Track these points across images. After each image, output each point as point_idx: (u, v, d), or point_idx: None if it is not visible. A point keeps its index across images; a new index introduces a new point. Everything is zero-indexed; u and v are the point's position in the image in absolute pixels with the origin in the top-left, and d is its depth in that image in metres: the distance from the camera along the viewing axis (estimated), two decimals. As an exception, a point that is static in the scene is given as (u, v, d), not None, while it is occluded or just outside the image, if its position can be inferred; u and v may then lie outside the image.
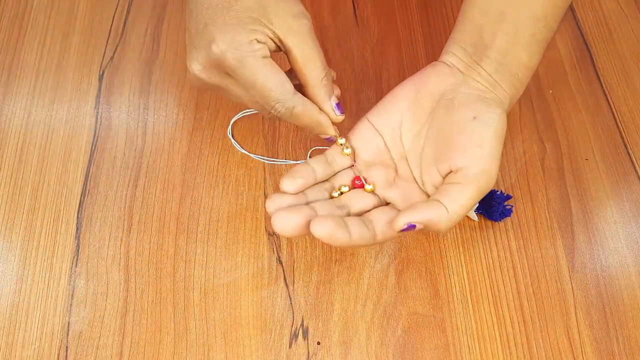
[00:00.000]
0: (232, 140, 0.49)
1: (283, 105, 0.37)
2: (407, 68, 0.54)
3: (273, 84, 0.36)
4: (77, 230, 0.46)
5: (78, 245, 0.45)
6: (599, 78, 0.54)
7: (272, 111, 0.38)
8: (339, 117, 0.40)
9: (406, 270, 0.44)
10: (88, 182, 0.48)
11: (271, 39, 0.37)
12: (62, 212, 0.46)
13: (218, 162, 0.49)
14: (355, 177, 0.40)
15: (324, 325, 0.42)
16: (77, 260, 0.44)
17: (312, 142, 0.50)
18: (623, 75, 0.54)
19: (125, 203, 0.47)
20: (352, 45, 0.56)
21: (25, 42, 0.55)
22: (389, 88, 0.53)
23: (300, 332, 0.42)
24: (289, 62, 0.39)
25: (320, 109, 0.39)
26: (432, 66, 0.42)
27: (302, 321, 0.42)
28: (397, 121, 0.41)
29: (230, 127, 0.50)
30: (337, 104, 0.40)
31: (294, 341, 0.41)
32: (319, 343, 0.41)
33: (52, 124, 0.51)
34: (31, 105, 0.52)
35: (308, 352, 0.41)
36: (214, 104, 0.52)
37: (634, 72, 0.54)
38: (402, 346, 0.41)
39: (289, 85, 0.37)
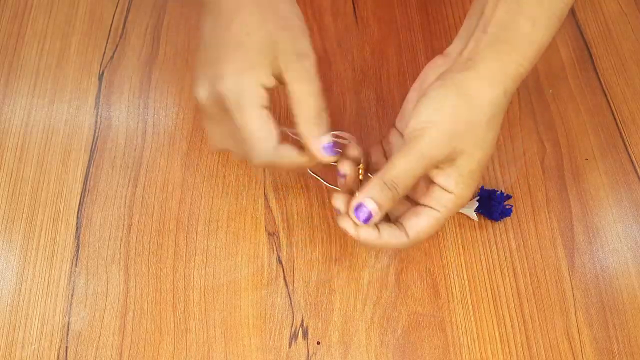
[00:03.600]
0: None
1: (262, 159, 0.37)
2: (407, 68, 0.54)
3: (260, 135, 0.36)
4: (77, 230, 0.46)
5: (78, 245, 0.45)
6: (599, 78, 0.54)
7: (253, 160, 0.38)
8: (325, 158, 0.38)
9: (406, 270, 0.44)
10: (88, 182, 0.48)
11: (274, 76, 0.37)
12: (62, 212, 0.46)
13: (218, 162, 0.49)
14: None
15: (324, 325, 0.42)
16: (77, 260, 0.44)
17: (312, 142, 0.50)
18: (623, 75, 0.54)
19: (125, 203, 0.47)
20: (352, 45, 0.56)
21: (25, 42, 0.55)
22: (389, 88, 0.53)
23: (300, 331, 0.42)
24: (287, 95, 0.39)
25: (307, 147, 0.38)
26: (432, 60, 0.43)
27: (302, 321, 0.42)
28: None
29: None
30: (327, 145, 0.38)
31: (293, 341, 0.41)
32: (318, 343, 0.41)
33: (52, 123, 0.51)
34: (31, 105, 0.52)
35: (308, 352, 0.41)
36: (214, 103, 0.52)
37: (634, 72, 0.54)
38: (402, 346, 0.41)
39: (273, 141, 0.37)
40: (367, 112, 0.52)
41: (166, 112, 0.51)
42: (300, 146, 0.38)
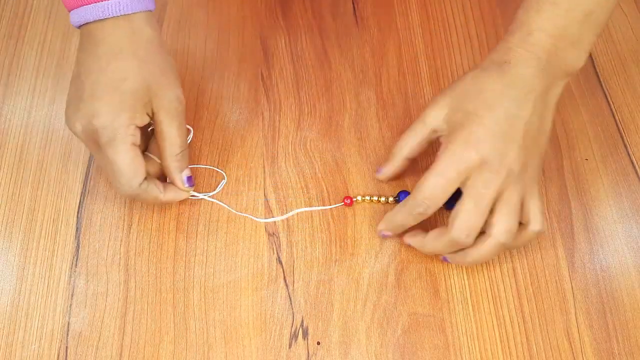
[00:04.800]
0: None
1: (127, 192, 0.42)
2: (407, 68, 0.54)
3: (128, 171, 0.41)
4: (77, 230, 0.46)
5: (78, 245, 0.45)
6: (599, 78, 0.54)
7: (118, 192, 0.44)
8: (187, 188, 0.45)
9: (406, 270, 0.44)
10: (88, 182, 0.48)
11: (147, 114, 0.42)
12: (62, 212, 0.46)
13: (218, 163, 0.49)
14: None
15: (324, 325, 0.42)
16: (77, 260, 0.44)
17: (312, 143, 0.50)
18: (623, 75, 0.54)
19: (125, 203, 0.47)
20: (352, 45, 0.56)
21: (25, 42, 0.55)
22: (389, 88, 0.53)
23: (300, 332, 0.42)
24: (155, 134, 0.44)
25: (171, 179, 0.45)
26: None
27: (302, 321, 0.42)
28: None
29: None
30: (188, 178, 0.45)
31: (293, 341, 0.41)
32: (318, 343, 0.41)
33: (52, 124, 0.51)
34: (31, 105, 0.52)
35: (308, 352, 0.41)
36: (214, 104, 0.52)
37: (634, 72, 0.54)
38: (402, 346, 0.41)
39: (140, 177, 0.42)
40: (367, 112, 0.52)
41: (166, 112, 0.51)
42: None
